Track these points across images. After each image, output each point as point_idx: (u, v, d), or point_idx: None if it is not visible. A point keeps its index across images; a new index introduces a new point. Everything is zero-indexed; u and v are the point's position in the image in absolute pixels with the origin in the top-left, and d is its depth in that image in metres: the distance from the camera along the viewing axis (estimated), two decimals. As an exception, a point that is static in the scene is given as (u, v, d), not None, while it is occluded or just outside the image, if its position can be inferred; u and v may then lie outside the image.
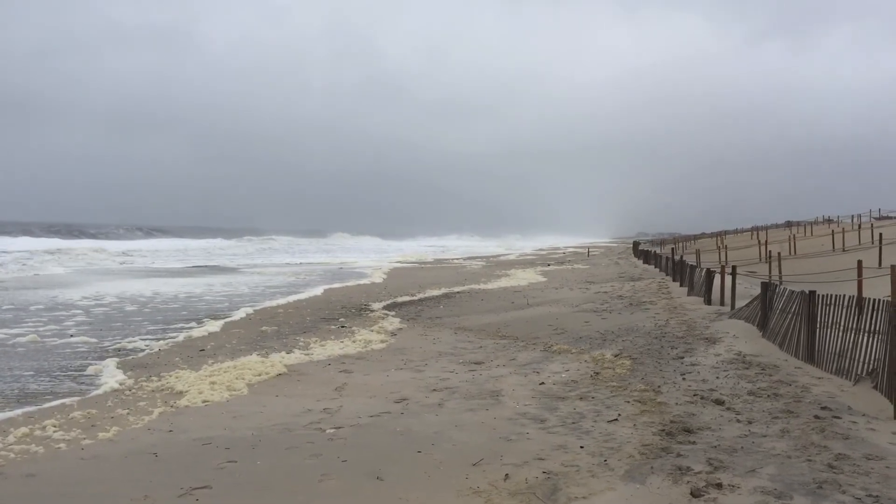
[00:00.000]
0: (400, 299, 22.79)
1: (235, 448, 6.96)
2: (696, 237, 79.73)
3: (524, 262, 50.41)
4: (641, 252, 51.34)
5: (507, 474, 5.94)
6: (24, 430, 7.72)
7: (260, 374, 10.64)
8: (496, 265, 46.80)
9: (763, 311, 12.19)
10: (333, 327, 16.15)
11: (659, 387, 9.00)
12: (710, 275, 18.43)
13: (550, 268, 41.57)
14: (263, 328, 15.95)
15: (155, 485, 5.93)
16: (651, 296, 20.68)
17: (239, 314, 18.43)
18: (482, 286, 27.85)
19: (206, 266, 42.36)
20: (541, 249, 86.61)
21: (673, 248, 51.85)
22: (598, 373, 10.16)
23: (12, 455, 6.91)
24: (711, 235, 77.44)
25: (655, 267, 35.75)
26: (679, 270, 24.75)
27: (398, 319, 17.47)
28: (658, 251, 46.98)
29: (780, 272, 23.48)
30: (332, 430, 7.54)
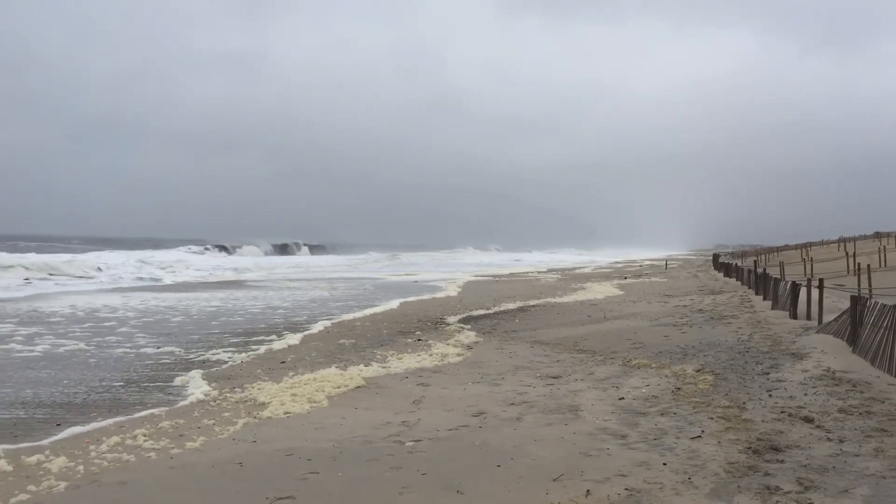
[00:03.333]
0: (475, 313, 22.80)
1: (317, 459, 7.07)
2: (779, 249, 77.35)
3: (600, 276, 49.80)
4: (722, 265, 50.05)
5: (588, 490, 5.87)
6: (115, 438, 8.01)
7: (339, 387, 10.79)
8: (571, 278, 46.37)
9: (853, 325, 11.74)
10: (410, 340, 16.26)
11: (744, 403, 8.76)
12: (795, 288, 17.87)
13: (627, 281, 40.96)
14: (341, 341, 16.18)
15: (241, 494, 6.08)
16: (733, 309, 20.16)
17: (317, 327, 18.74)
18: (558, 299, 27.64)
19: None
20: (617, 262, 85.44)
21: (755, 261, 50.43)
22: (679, 388, 9.95)
23: (105, 463, 7.18)
24: (795, 247, 74.98)
25: (737, 280, 34.82)
26: (762, 283, 24.06)
27: (474, 333, 17.48)
28: (739, 263, 45.74)
29: (869, 285, 22.58)
30: (411, 443, 7.59)
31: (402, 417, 8.86)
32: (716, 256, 68.19)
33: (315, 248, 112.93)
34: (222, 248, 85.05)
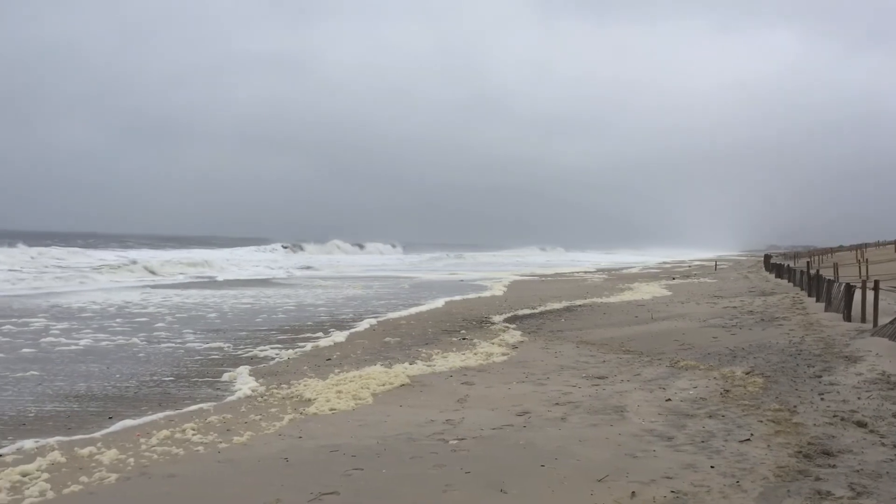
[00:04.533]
0: (521, 312, 22.71)
1: (361, 456, 7.12)
2: (832, 250, 75.69)
3: (648, 276, 49.25)
4: (773, 266, 49.09)
5: (633, 492, 5.81)
6: (165, 432, 8.16)
7: (384, 385, 10.85)
8: (618, 278, 45.93)
9: (910, 328, 11.41)
10: (455, 339, 16.27)
11: (795, 406, 8.58)
12: (849, 289, 17.45)
13: (675, 281, 40.42)
14: (387, 339, 16.25)
15: (286, 489, 6.14)
16: (784, 311, 19.76)
17: (363, 325, 18.85)
18: (604, 299, 27.39)
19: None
20: (665, 262, 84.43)
21: (808, 262, 49.37)
22: (728, 390, 9.78)
23: (155, 456, 7.32)
24: (850, 248, 73.30)
25: (789, 281, 34.11)
26: (815, 285, 23.55)
27: (519, 332, 17.42)
28: (791, 265, 44.81)
29: (928, 287, 21.93)
30: (455, 442, 7.60)
31: (447, 416, 8.87)
32: (767, 257, 66.97)
33: (362, 247, 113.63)
34: (287, 247, 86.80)
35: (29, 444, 7.77)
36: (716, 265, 64.93)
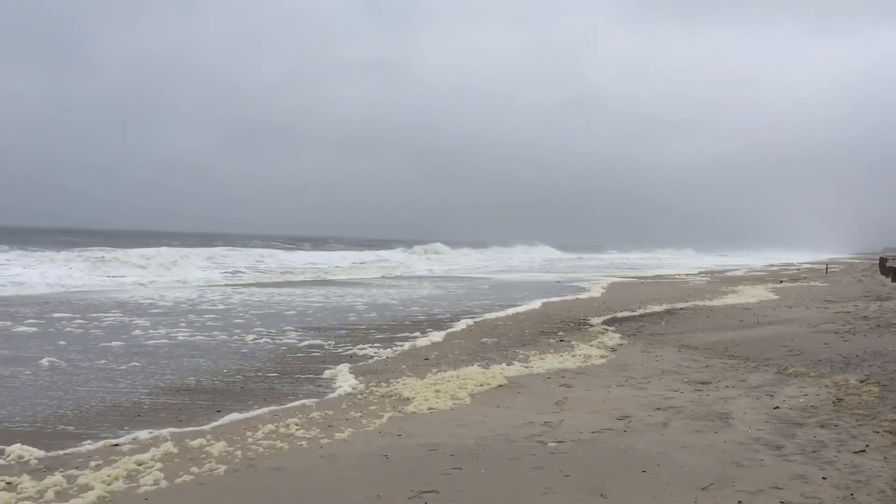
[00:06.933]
0: (619, 314, 22.33)
1: (460, 455, 7.15)
2: (955, 253, 71.17)
3: (753, 279, 47.53)
4: (889, 269, 46.55)
5: (739, 501, 5.63)
6: (270, 427, 8.41)
7: (481, 385, 10.87)
8: (721, 281, 44.53)
9: None
10: (552, 341, 16.14)
11: (914, 418, 8.13)
12: (975, 295, 16.39)
13: (783, 285, 38.88)
14: (484, 340, 16.28)
15: (387, 486, 6.24)
16: (902, 317, 18.72)
17: (460, 325, 18.93)
18: (707, 303, 26.61)
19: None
20: (771, 265, 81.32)
21: (927, 265, 46.63)
22: (840, 399, 9.36)
23: (261, 449, 7.56)
24: (975, 251, 68.78)
25: (906, 285, 32.34)
26: (936, 289, 22.23)
27: (618, 335, 17.13)
28: (909, 268, 42.38)
29: None
30: (553, 444, 7.54)
31: (545, 418, 8.82)
32: (883, 260, 63.51)
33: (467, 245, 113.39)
34: (406, 249, 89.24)
35: (144, 434, 8.16)
36: (826, 268, 62.08)
